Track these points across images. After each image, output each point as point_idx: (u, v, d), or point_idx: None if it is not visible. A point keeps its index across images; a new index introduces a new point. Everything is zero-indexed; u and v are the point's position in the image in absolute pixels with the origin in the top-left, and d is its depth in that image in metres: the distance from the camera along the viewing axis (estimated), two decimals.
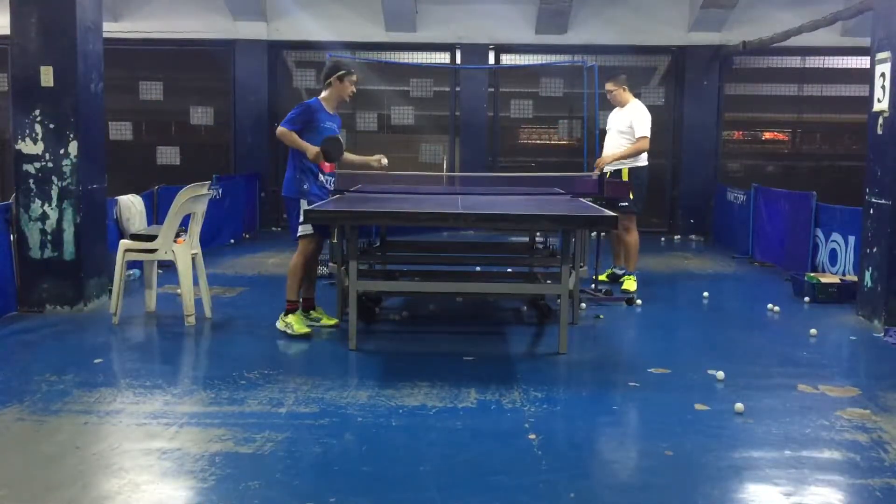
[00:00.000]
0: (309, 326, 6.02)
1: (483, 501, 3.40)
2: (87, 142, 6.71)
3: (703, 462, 3.81)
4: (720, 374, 4.96)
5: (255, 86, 12.56)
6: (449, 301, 7.29)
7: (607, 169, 7.73)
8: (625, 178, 7.69)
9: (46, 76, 6.53)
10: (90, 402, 4.50)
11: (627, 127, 7.72)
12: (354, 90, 6.21)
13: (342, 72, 6.12)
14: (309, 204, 5.84)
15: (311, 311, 6.30)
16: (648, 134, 7.69)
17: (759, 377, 5.16)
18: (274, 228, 12.48)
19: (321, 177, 6.09)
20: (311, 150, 5.89)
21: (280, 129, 5.97)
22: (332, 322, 6.27)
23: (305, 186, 5.97)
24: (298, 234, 5.97)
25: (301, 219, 5.89)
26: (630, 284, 7.74)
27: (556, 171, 9.92)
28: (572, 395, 4.82)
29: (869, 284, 6.69)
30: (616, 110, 7.97)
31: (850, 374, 5.52)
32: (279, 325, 6.05)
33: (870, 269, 6.69)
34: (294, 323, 5.96)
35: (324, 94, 6.16)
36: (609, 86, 7.90)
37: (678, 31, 12.37)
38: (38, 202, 6.59)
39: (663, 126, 12.75)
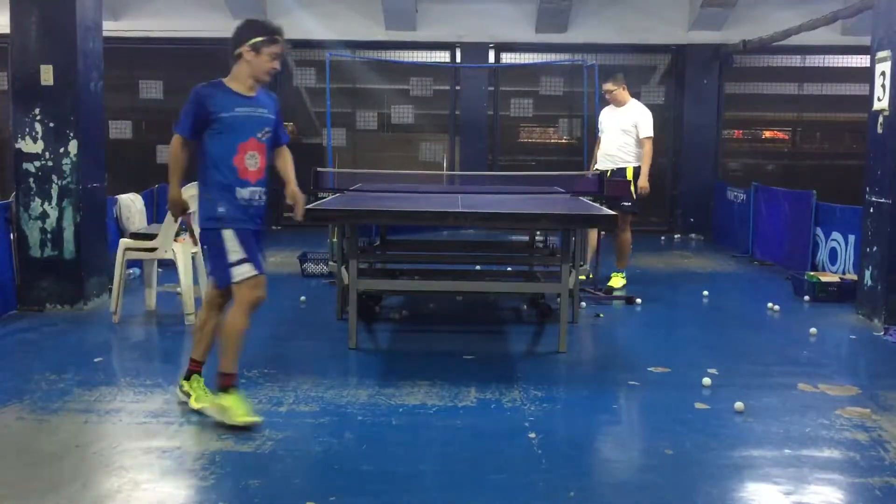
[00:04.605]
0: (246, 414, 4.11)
1: (483, 500, 3.40)
2: (87, 140, 6.71)
3: (703, 461, 3.81)
4: (706, 381, 4.90)
5: None
6: (449, 300, 7.29)
7: (609, 167, 7.72)
8: (629, 177, 7.69)
9: (46, 75, 6.53)
10: (90, 400, 4.50)
11: (631, 126, 7.72)
12: (278, 66, 4.24)
13: (258, 38, 4.15)
14: (237, 234, 4.11)
15: (190, 380, 4.37)
16: (653, 134, 7.71)
17: (758, 376, 5.16)
18: (274, 227, 12.47)
19: (242, 191, 4.18)
20: (172, 194, 4.28)
21: (172, 142, 4.17)
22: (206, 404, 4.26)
23: (221, 210, 4.14)
24: (234, 279, 4.11)
25: (232, 256, 4.10)
26: (616, 282, 7.75)
27: (556, 169, 9.93)
28: (572, 393, 4.82)
29: (869, 283, 6.69)
30: (611, 109, 7.95)
31: (850, 372, 5.52)
32: (194, 403, 4.28)
33: (870, 267, 6.69)
34: (232, 406, 4.10)
35: (232, 72, 4.23)
36: (609, 86, 7.90)
37: (678, 30, 12.36)
38: (38, 201, 6.59)
39: (663, 125, 12.75)
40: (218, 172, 4.15)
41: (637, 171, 7.72)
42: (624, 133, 7.78)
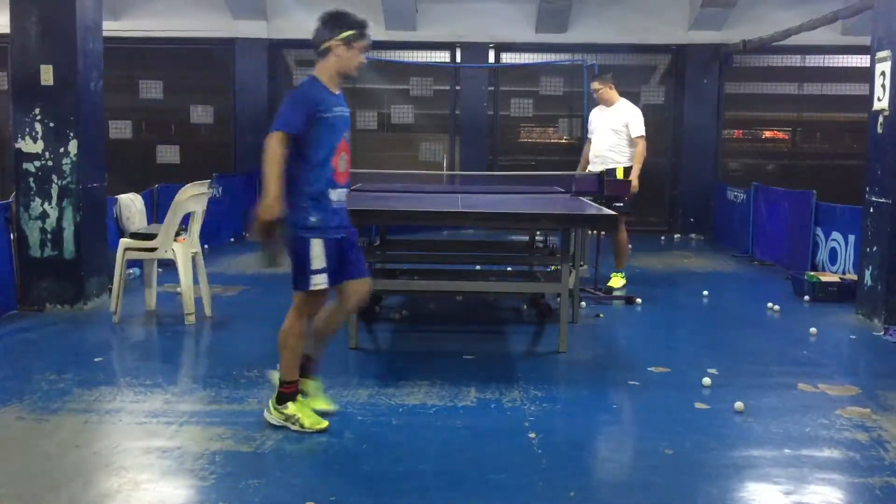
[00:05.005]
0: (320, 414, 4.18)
1: (483, 500, 3.40)
2: (87, 140, 6.71)
3: (703, 461, 3.81)
4: (706, 381, 4.91)
5: (255, 84, 12.55)
6: (449, 300, 7.29)
7: (600, 168, 7.72)
8: (619, 176, 7.68)
9: (46, 75, 6.53)
10: (90, 400, 4.50)
11: (622, 126, 7.70)
12: (364, 61, 4.13)
13: (350, 32, 4.01)
14: (325, 245, 4.01)
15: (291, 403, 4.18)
16: (644, 133, 7.70)
17: (758, 376, 5.16)
18: None
19: (334, 193, 4.06)
20: (269, 199, 3.87)
21: (270, 138, 3.91)
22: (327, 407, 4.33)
23: (313, 219, 4.00)
24: (310, 287, 4.05)
25: (315, 265, 4.02)
26: (616, 282, 7.75)
27: (556, 169, 9.93)
28: (572, 393, 4.82)
29: (869, 283, 6.69)
30: (601, 109, 7.93)
31: (850, 372, 5.52)
32: (272, 418, 4.15)
33: (870, 267, 6.69)
34: (300, 414, 4.11)
35: (320, 67, 4.08)
36: (595, 84, 7.90)
37: (678, 30, 12.36)
38: (38, 201, 6.59)
39: (663, 125, 12.77)
40: (314, 176, 3.99)
41: (627, 171, 7.70)
42: (614, 133, 7.75)
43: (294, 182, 3.97)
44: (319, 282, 4.03)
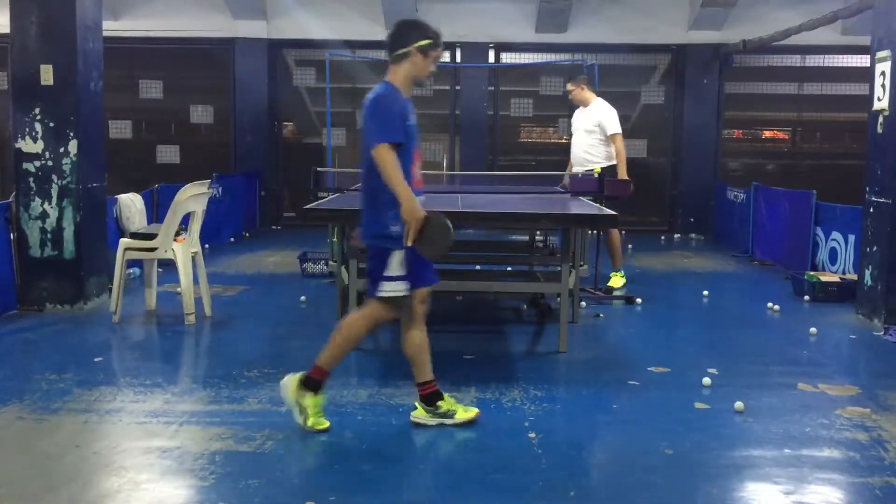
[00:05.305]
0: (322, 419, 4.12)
1: (483, 500, 3.40)
2: (87, 140, 6.71)
3: (703, 461, 3.81)
4: (706, 381, 4.91)
5: (255, 84, 12.55)
6: (449, 300, 7.29)
7: (579, 169, 7.72)
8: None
9: (46, 75, 6.53)
10: (90, 400, 4.50)
11: (594, 125, 7.68)
12: (436, 70, 4.19)
13: (427, 41, 4.08)
14: (406, 255, 4.01)
15: (440, 402, 4.21)
16: (620, 130, 7.69)
17: (758, 376, 5.16)
18: (274, 227, 12.48)
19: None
20: (409, 202, 3.92)
21: (381, 150, 3.88)
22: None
23: (395, 228, 3.99)
24: (379, 293, 4.06)
25: (391, 272, 4.02)
26: (616, 281, 7.74)
27: (556, 169, 9.91)
28: (572, 393, 4.82)
29: (869, 283, 6.69)
30: (579, 111, 7.94)
31: (850, 372, 5.52)
32: (426, 419, 4.18)
33: (870, 267, 6.69)
34: (454, 408, 4.17)
35: (393, 73, 4.10)
36: (569, 86, 7.92)
37: (678, 30, 12.37)
38: (38, 201, 6.59)
39: (663, 125, 12.78)
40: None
41: (607, 171, 7.65)
42: (588, 133, 7.74)
43: (376, 192, 3.99)
44: (393, 288, 4.02)
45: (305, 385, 4.05)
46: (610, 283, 7.71)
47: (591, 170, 7.65)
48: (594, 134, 7.70)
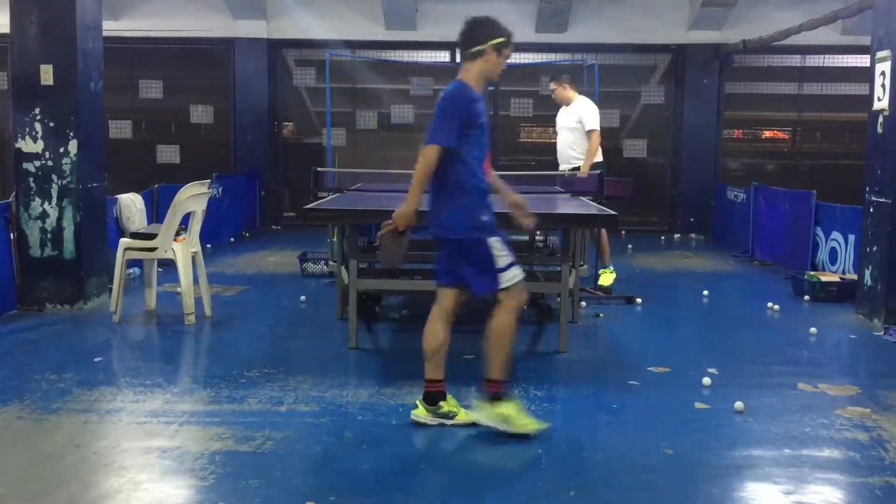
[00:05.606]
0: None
1: (483, 500, 3.40)
2: (87, 140, 6.71)
3: (703, 460, 3.81)
4: (706, 381, 4.91)
5: (255, 84, 12.56)
6: None
7: (564, 167, 7.74)
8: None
9: (46, 74, 6.53)
10: (90, 400, 4.50)
11: (576, 123, 7.72)
12: (506, 67, 4.22)
13: (501, 39, 4.07)
14: (503, 240, 4.09)
15: (442, 402, 4.18)
16: (598, 127, 7.70)
17: (758, 376, 5.16)
18: (274, 227, 12.48)
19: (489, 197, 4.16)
20: (410, 207, 4.02)
21: (429, 150, 3.94)
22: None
23: (485, 218, 4.04)
24: (503, 285, 4.04)
25: (501, 262, 4.04)
26: (605, 279, 7.73)
27: (556, 169, 9.93)
28: (572, 393, 4.82)
29: (869, 283, 6.69)
30: (563, 109, 7.97)
31: (850, 372, 5.52)
32: (427, 418, 4.16)
33: (870, 267, 6.69)
34: (514, 415, 4.04)
35: (466, 70, 4.09)
36: (551, 85, 7.99)
37: (678, 30, 12.37)
38: (38, 201, 6.59)
39: (663, 125, 12.78)
40: (475, 178, 4.05)
41: (593, 168, 7.66)
42: (570, 131, 7.79)
43: (455, 184, 4.01)
44: (512, 276, 4.04)
45: (495, 400, 4.03)
46: (601, 282, 7.70)
47: (577, 167, 7.69)
48: (576, 131, 7.75)
